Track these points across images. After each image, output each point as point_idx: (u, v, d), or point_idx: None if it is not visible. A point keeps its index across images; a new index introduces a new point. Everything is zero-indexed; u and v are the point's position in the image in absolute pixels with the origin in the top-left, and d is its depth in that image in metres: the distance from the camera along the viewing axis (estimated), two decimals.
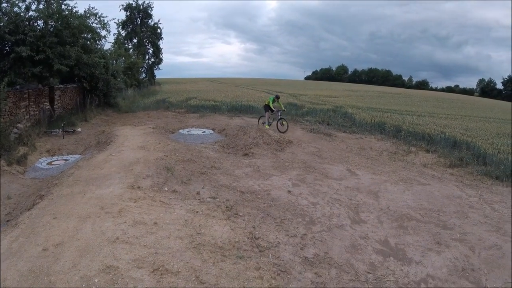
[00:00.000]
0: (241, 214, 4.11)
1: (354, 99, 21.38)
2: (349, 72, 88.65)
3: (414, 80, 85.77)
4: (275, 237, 3.64)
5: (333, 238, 3.78)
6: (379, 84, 72.61)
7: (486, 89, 77.41)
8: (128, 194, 4.34)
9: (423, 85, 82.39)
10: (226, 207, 4.26)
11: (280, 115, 10.71)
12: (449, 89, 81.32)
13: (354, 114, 13.43)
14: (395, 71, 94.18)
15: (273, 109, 10.74)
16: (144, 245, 3.17)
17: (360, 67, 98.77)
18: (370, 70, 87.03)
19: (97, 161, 5.95)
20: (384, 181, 6.10)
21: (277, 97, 11.12)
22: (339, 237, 3.83)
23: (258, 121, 11.52)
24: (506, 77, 75.86)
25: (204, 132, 9.91)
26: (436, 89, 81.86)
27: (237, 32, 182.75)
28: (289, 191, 5.10)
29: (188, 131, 9.90)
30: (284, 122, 10.55)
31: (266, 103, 10.98)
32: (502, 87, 76.00)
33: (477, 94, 77.36)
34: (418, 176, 6.63)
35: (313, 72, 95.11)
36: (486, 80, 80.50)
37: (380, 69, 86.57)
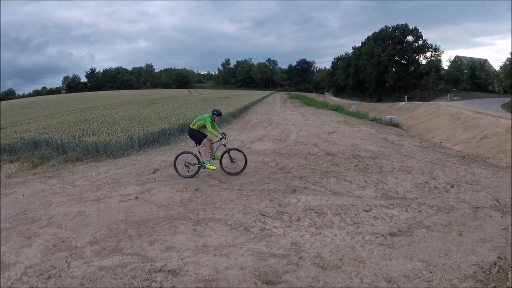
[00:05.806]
0: None
1: None
2: None
3: (1, 91, 78.61)
4: None
5: None
6: None
7: (72, 85, 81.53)
8: None
9: (9, 94, 77.18)
10: None
11: (226, 144, 6.28)
12: (36, 93, 79.17)
13: None
14: None
15: (219, 134, 6.12)
16: None
17: None
18: None
19: None
20: None
21: (219, 114, 6.29)
22: None
23: (179, 162, 6.34)
24: (89, 70, 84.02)
25: None
26: (23, 96, 78.14)
27: None
28: None
29: None
30: (235, 156, 6.33)
31: (195, 127, 6.14)
32: (86, 80, 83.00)
33: (64, 91, 79.28)
34: None
35: None
36: (71, 77, 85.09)
37: None
